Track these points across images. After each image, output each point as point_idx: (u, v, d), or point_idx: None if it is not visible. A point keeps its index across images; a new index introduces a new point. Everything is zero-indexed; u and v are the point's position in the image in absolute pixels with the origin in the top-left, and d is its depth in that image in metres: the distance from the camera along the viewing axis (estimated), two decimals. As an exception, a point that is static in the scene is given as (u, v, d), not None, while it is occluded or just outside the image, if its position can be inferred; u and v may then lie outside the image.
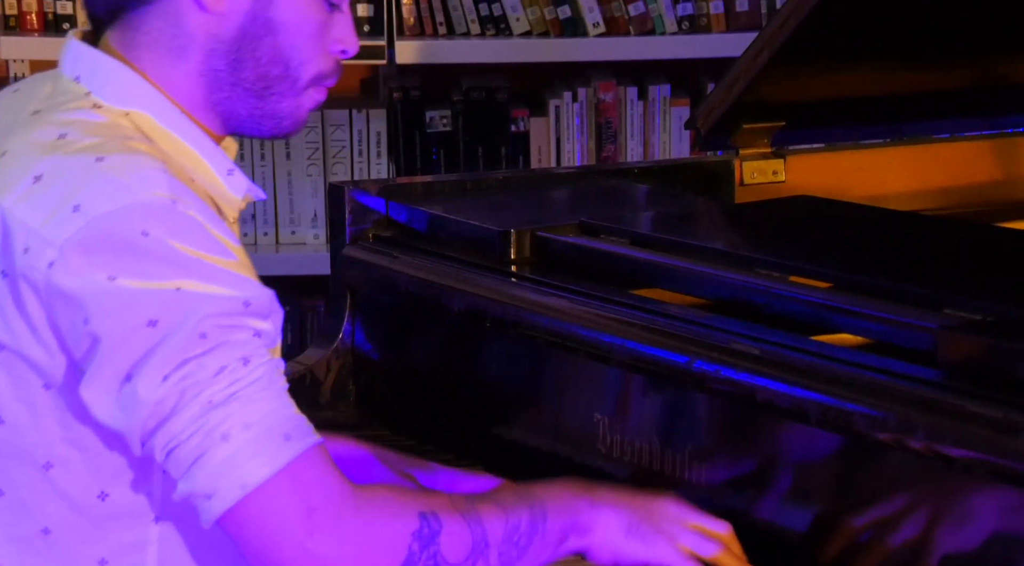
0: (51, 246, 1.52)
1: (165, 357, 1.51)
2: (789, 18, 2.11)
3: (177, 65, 1.63)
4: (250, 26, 1.62)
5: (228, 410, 1.51)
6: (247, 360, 1.53)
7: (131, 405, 1.52)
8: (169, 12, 1.62)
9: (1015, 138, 2.36)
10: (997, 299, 1.65)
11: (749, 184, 2.25)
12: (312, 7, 1.64)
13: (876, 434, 1.59)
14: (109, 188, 1.53)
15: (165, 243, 1.51)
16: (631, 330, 1.82)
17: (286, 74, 1.64)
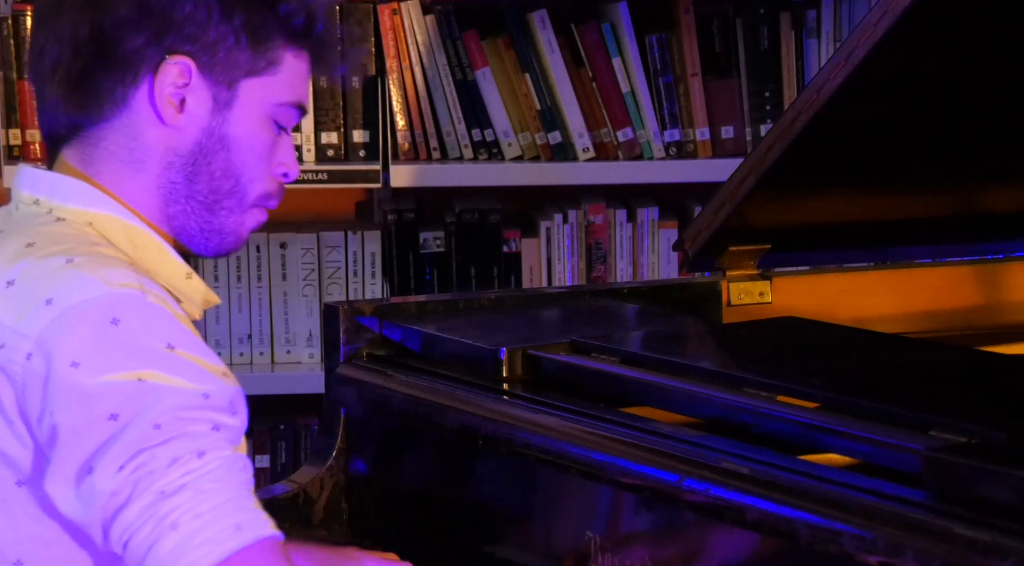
0: (27, 339, 1.55)
1: (121, 447, 1.51)
2: (774, 145, 2.12)
3: (135, 177, 1.66)
4: (206, 141, 1.66)
5: (179, 499, 1.51)
6: (202, 452, 1.53)
7: (89, 497, 1.52)
8: (128, 126, 1.65)
9: (995, 264, 2.38)
10: (982, 422, 1.65)
11: (736, 305, 2.25)
12: (263, 128, 1.68)
13: (864, 555, 1.58)
14: (80, 282, 1.56)
15: (133, 332, 1.53)
16: (622, 448, 1.82)
17: (235, 189, 1.67)
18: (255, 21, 1.65)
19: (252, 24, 1.65)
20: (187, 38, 1.63)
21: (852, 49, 2.01)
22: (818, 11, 3.22)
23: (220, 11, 1.64)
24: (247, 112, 1.67)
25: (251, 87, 1.66)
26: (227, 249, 1.71)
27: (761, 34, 3.22)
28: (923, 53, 2.05)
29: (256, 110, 1.67)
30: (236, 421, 1.57)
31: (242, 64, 1.65)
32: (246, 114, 1.67)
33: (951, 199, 2.30)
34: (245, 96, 1.66)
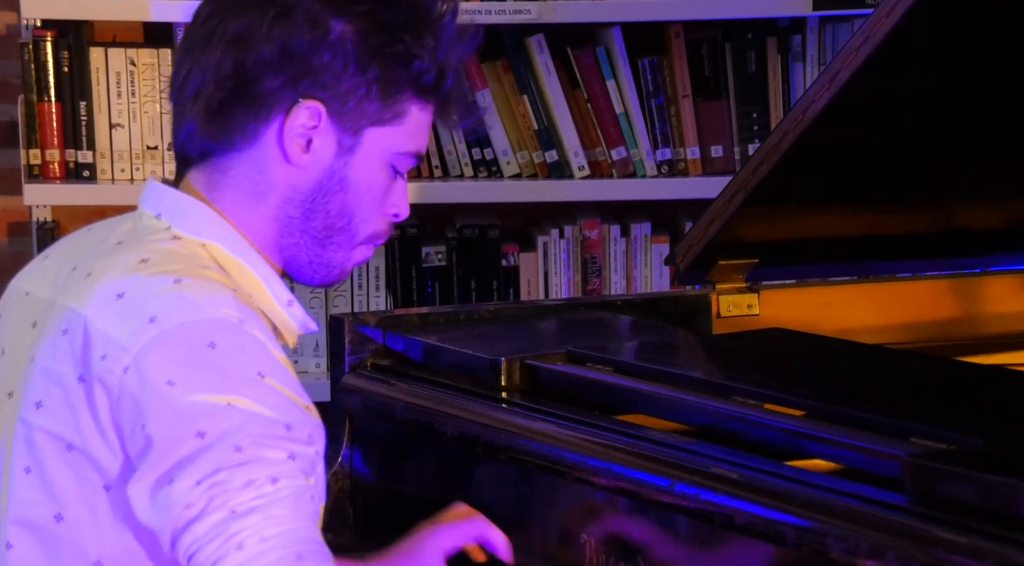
0: (127, 353, 1.56)
1: (201, 464, 1.53)
2: (762, 164, 2.13)
3: (256, 208, 1.68)
4: (327, 181, 1.67)
5: (248, 521, 1.52)
6: (276, 479, 1.54)
7: (165, 505, 1.54)
8: (256, 160, 1.67)
9: (972, 278, 2.37)
10: (960, 429, 1.65)
11: (725, 317, 2.25)
12: (381, 173, 1.69)
13: (848, 557, 1.58)
14: (183, 304, 1.57)
15: (228, 357, 1.55)
16: (616, 454, 1.82)
17: (348, 228, 1.69)
18: (388, 76, 1.65)
19: (385, 79, 1.65)
20: (321, 85, 1.64)
21: (836, 72, 2.02)
22: (803, 36, 3.22)
23: (356, 64, 1.64)
24: (368, 158, 1.67)
25: (375, 135, 1.67)
26: (331, 281, 1.72)
27: (749, 58, 3.22)
28: (903, 77, 2.06)
29: (377, 157, 1.68)
30: (311, 452, 1.58)
31: (370, 114, 1.66)
32: (367, 160, 1.67)
33: (930, 216, 2.30)
34: (369, 143, 1.67)
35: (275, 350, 1.60)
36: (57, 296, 1.65)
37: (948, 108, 2.14)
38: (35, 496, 1.61)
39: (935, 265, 2.35)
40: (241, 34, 1.64)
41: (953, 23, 2.00)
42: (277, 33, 1.63)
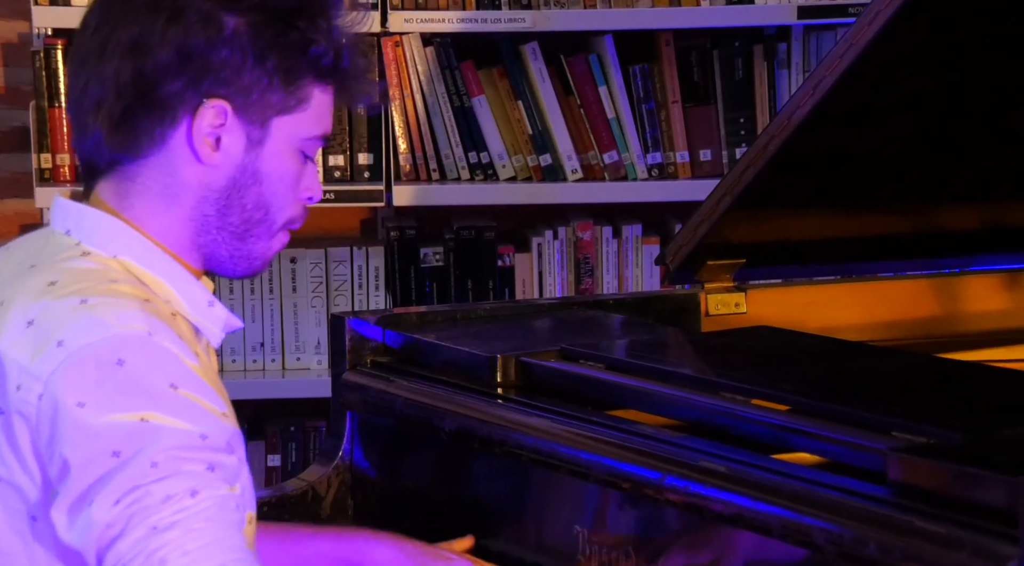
0: (39, 380, 1.53)
1: (119, 483, 1.49)
2: (748, 168, 2.13)
3: (169, 211, 1.64)
4: (240, 176, 1.64)
5: (169, 536, 1.48)
6: (195, 492, 1.50)
7: (86, 527, 1.50)
8: (164, 164, 1.63)
9: (951, 278, 2.38)
10: (940, 424, 1.65)
11: (714, 315, 2.25)
12: (292, 160, 1.66)
13: (831, 547, 1.58)
14: (90, 324, 1.53)
15: (138, 373, 1.51)
16: (608, 448, 1.82)
17: (265, 218, 1.66)
18: (287, 64, 1.62)
19: (284, 67, 1.62)
20: (223, 82, 1.60)
21: (820, 79, 2.02)
22: (788, 44, 3.22)
23: (254, 56, 1.60)
24: (278, 147, 1.64)
25: (282, 124, 1.64)
26: (254, 271, 1.69)
27: (736, 65, 3.22)
28: (885, 83, 2.06)
29: (286, 145, 1.64)
30: (232, 460, 1.54)
31: (274, 104, 1.63)
32: (277, 149, 1.64)
33: (911, 218, 2.30)
34: (276, 133, 1.64)
35: (187, 359, 1.54)
36: None
37: (928, 114, 2.14)
38: None
39: (916, 265, 2.35)
40: (136, 41, 1.60)
41: (932, 32, 2.00)
42: (172, 36, 1.59)
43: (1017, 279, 2.36)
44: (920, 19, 1.94)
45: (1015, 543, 1.44)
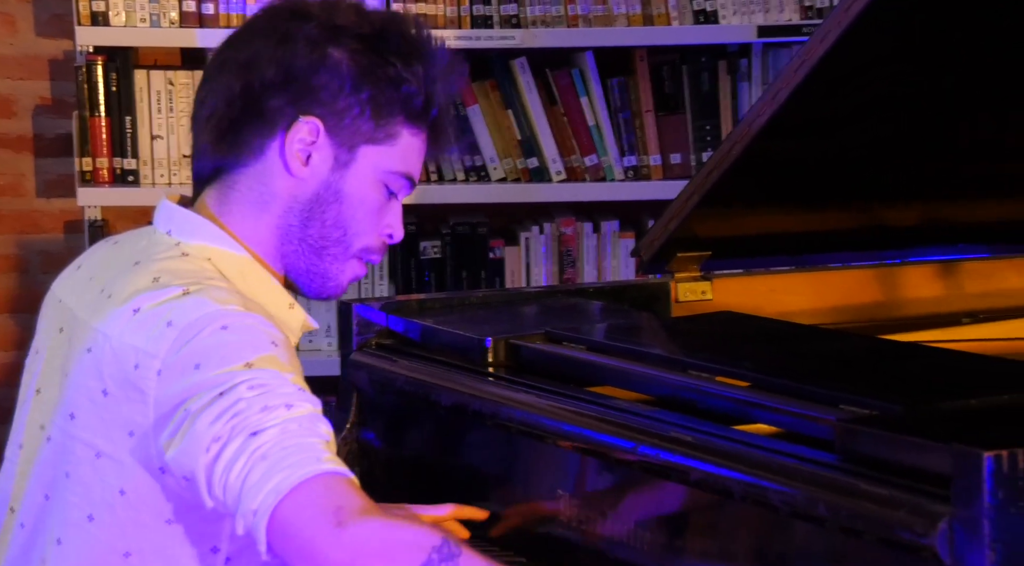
0: (155, 358, 1.53)
1: (221, 402, 1.48)
2: (714, 170, 2.13)
3: (260, 218, 1.65)
4: (323, 192, 1.64)
5: (267, 436, 1.46)
6: (290, 405, 1.49)
7: (193, 444, 1.48)
8: (261, 173, 1.64)
9: (893, 268, 2.37)
10: (882, 398, 1.65)
11: (683, 301, 2.25)
12: (374, 189, 1.65)
13: (786, 507, 1.59)
14: (193, 304, 1.55)
15: (241, 335, 1.52)
16: (587, 421, 1.82)
17: (342, 239, 1.65)
18: (379, 97, 1.61)
19: (376, 99, 1.61)
20: (319, 103, 1.61)
21: (777, 91, 2.02)
22: (749, 60, 3.23)
23: (351, 84, 1.60)
24: (362, 173, 1.63)
25: (369, 152, 1.63)
26: (328, 294, 1.68)
27: (703, 78, 3.23)
28: (834, 94, 2.06)
29: (370, 173, 1.64)
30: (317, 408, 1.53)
31: (364, 132, 1.62)
32: (361, 175, 1.63)
33: (858, 214, 2.30)
34: (363, 160, 1.63)
35: (273, 332, 1.55)
36: (84, 314, 1.62)
37: (872, 122, 2.14)
38: (72, 499, 1.59)
39: (861, 257, 2.35)
40: (249, 60, 1.61)
41: (876, 49, 2.01)
42: (280, 57, 1.60)
43: (949, 269, 2.36)
44: (865, 38, 1.94)
45: (947, 502, 1.45)
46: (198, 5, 3.16)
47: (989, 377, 1.78)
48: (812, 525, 1.56)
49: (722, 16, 3.17)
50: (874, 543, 1.51)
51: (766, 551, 1.63)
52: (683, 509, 1.72)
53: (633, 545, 1.76)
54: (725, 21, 3.18)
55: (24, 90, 3.37)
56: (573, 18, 3.18)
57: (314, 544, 1.42)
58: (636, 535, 1.77)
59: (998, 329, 2.20)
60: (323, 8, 1.62)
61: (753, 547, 1.64)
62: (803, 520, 1.57)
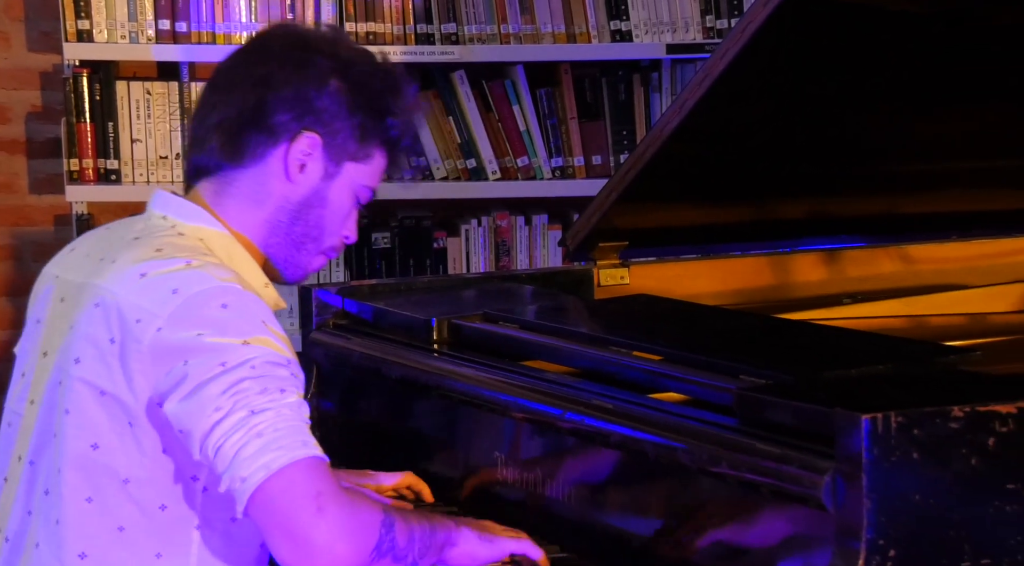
0: (159, 318, 1.57)
1: (226, 378, 1.53)
2: (630, 170, 2.13)
3: (254, 213, 1.68)
4: (312, 197, 1.69)
5: (264, 417, 1.53)
6: (283, 390, 1.55)
7: (197, 410, 1.53)
8: (258, 175, 1.68)
9: (784, 256, 2.38)
10: (776, 368, 1.67)
11: (604, 286, 2.25)
12: (348, 198, 1.71)
13: (694, 464, 1.60)
14: (198, 277, 1.58)
15: (239, 312, 1.56)
16: (521, 391, 1.82)
17: (319, 237, 1.70)
18: (368, 124, 1.68)
19: (365, 125, 1.68)
20: (320, 122, 1.66)
21: (684, 101, 2.02)
22: (659, 73, 3.24)
23: (348, 110, 1.66)
24: (343, 184, 1.69)
25: (350, 168, 1.69)
26: (295, 279, 1.73)
27: (620, 89, 3.24)
28: (733, 103, 2.07)
29: (349, 185, 1.69)
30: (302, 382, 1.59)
31: (349, 151, 1.68)
32: (342, 185, 1.69)
33: (755, 209, 2.31)
34: (345, 173, 1.69)
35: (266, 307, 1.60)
36: (88, 279, 1.64)
37: (766, 126, 2.15)
38: (74, 432, 1.60)
39: (758, 246, 2.36)
40: (265, 77, 1.66)
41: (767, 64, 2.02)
42: (293, 79, 1.65)
43: (832, 256, 2.36)
44: (758, 56, 1.96)
45: (831, 459, 1.47)
46: (172, 24, 3.14)
47: (866, 350, 1.79)
48: (716, 480, 1.58)
49: (636, 35, 3.19)
50: (769, 495, 1.53)
51: (676, 503, 1.64)
52: (605, 468, 1.73)
53: (562, 500, 1.77)
54: (638, 40, 3.19)
55: (17, 99, 3.34)
56: (506, 36, 3.19)
57: (297, 523, 1.50)
58: (564, 491, 1.77)
59: (873, 308, 2.22)
60: (326, 40, 1.68)
61: (665, 500, 1.66)
62: (708, 476, 1.58)
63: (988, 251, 2.39)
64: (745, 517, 1.56)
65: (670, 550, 1.64)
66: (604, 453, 1.72)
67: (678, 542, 1.64)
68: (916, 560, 1.46)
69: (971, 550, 1.46)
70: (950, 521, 1.46)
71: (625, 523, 1.70)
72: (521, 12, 3.18)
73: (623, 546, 1.70)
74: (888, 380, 1.65)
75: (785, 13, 1.88)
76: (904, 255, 2.37)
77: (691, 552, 1.62)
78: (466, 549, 1.64)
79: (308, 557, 1.49)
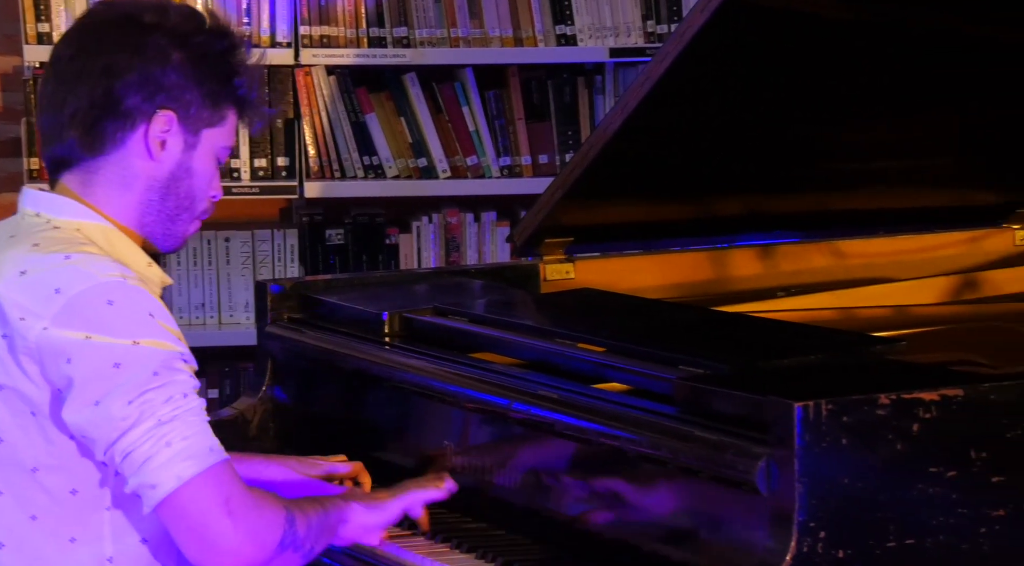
0: (42, 318, 1.55)
1: (130, 388, 1.53)
2: (575, 169, 2.14)
3: (123, 196, 1.66)
4: (177, 170, 1.67)
5: (172, 426, 1.54)
6: (186, 394, 1.56)
7: (103, 420, 1.53)
8: (121, 160, 1.66)
9: (721, 251, 2.39)
10: (714, 359, 1.68)
11: (550, 280, 2.26)
12: (211, 162, 1.69)
13: (635, 451, 1.61)
14: (79, 275, 1.56)
15: (125, 309, 1.55)
16: (469, 382, 1.83)
17: (191, 206, 1.69)
18: (216, 89, 1.66)
19: (214, 91, 1.66)
20: (171, 99, 1.64)
21: (626, 102, 2.04)
22: (603, 77, 3.25)
23: (195, 81, 1.65)
24: (204, 151, 1.68)
25: (208, 135, 1.67)
26: (175, 247, 1.72)
27: (565, 92, 3.25)
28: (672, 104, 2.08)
29: (209, 150, 1.68)
30: (195, 368, 1.59)
31: (205, 118, 1.66)
32: (203, 153, 1.68)
33: (694, 206, 2.32)
34: (204, 141, 1.67)
35: (155, 295, 1.60)
36: None
37: (704, 127, 2.16)
38: None
39: (697, 241, 2.37)
40: (108, 66, 1.63)
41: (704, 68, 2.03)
42: (135, 63, 1.63)
43: (767, 251, 2.38)
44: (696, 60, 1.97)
45: (765, 445, 1.49)
46: (130, 26, 3.11)
47: (799, 341, 1.81)
48: (656, 466, 1.59)
49: (580, 40, 3.20)
50: (707, 479, 1.54)
51: (619, 488, 1.65)
52: (550, 455, 1.74)
53: (508, 486, 1.78)
54: (583, 44, 3.20)
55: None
56: (455, 40, 3.19)
57: (207, 527, 1.53)
58: (511, 478, 1.78)
59: (806, 301, 2.24)
60: (155, 13, 1.65)
61: (609, 485, 1.67)
62: (649, 462, 1.60)
63: (913, 246, 2.42)
64: (684, 501, 1.58)
65: (613, 532, 1.66)
66: (550, 441, 1.73)
67: (621, 525, 1.65)
68: (845, 540, 1.48)
69: (896, 530, 1.49)
70: (877, 503, 1.48)
71: (569, 508, 1.71)
72: (470, 17, 3.19)
73: (568, 529, 1.70)
74: (819, 369, 1.67)
75: (721, 19, 1.90)
76: (835, 250, 2.39)
77: (633, 534, 1.63)
78: (357, 522, 1.69)
79: (216, 558, 1.54)
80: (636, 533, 1.63)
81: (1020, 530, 1.52)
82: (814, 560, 1.47)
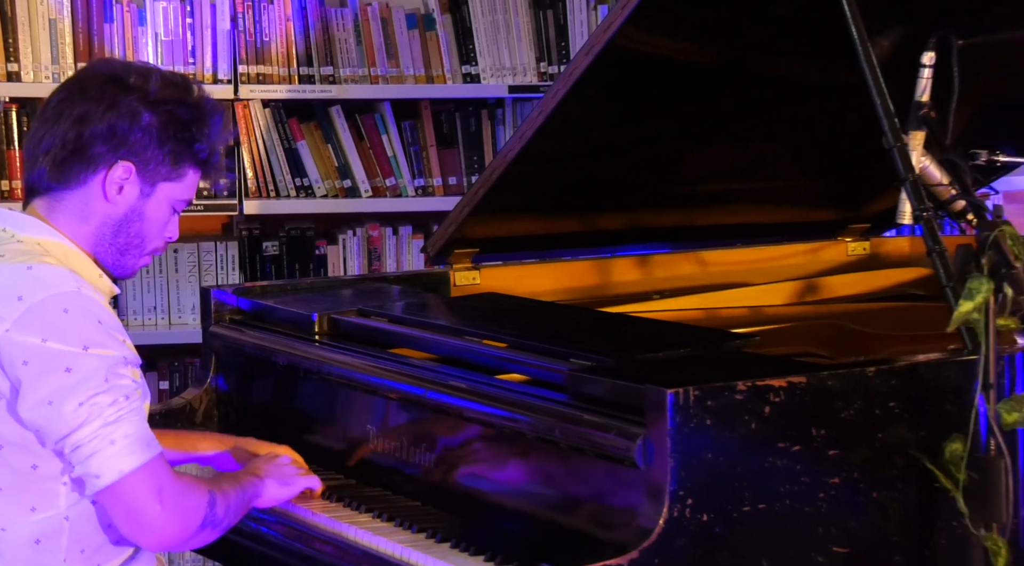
0: (5, 320, 1.55)
1: (82, 390, 1.54)
2: (480, 189, 2.16)
3: (81, 226, 1.67)
4: (130, 214, 1.68)
5: (116, 426, 1.55)
6: (128, 396, 1.57)
7: (56, 417, 1.54)
8: (83, 196, 1.66)
9: (606, 259, 2.41)
10: (599, 353, 1.70)
11: (459, 285, 2.26)
12: (164, 211, 1.70)
13: (532, 433, 1.63)
14: (39, 284, 1.57)
15: (78, 318, 1.56)
16: (389, 374, 1.83)
17: (140, 245, 1.70)
18: (178, 150, 1.66)
19: (175, 152, 1.66)
20: (133, 153, 1.65)
21: (523, 132, 2.05)
22: (503, 109, 3.27)
23: (158, 141, 1.65)
24: (158, 201, 1.68)
25: (165, 188, 1.68)
26: (124, 276, 1.72)
27: (471, 122, 3.26)
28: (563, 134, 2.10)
29: (164, 201, 1.68)
30: (138, 373, 1.60)
31: (163, 174, 1.67)
32: (157, 203, 1.68)
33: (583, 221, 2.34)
34: (160, 192, 1.68)
35: (105, 306, 1.60)
36: None
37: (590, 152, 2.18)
38: None
39: (585, 251, 2.39)
40: (83, 115, 1.64)
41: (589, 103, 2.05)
42: (107, 117, 1.64)
43: (644, 260, 2.41)
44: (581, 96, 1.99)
45: (643, 426, 1.51)
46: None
47: (671, 337, 1.84)
48: (551, 445, 1.61)
49: (483, 78, 3.22)
50: (594, 456, 1.56)
51: (519, 465, 1.66)
52: (461, 437, 1.74)
53: (425, 466, 1.78)
54: (485, 82, 3.22)
55: (-51, 128, 3.19)
56: (375, 77, 3.18)
57: (141, 513, 1.56)
58: (427, 458, 1.78)
59: (676, 303, 2.27)
60: (140, 77, 1.66)
61: (511, 463, 1.68)
62: (544, 442, 1.61)
63: (765, 256, 2.47)
64: (575, 475, 1.59)
65: (513, 503, 1.66)
66: (460, 425, 1.73)
67: (520, 496, 1.66)
68: (709, 506, 1.51)
69: (751, 496, 1.52)
70: (735, 473, 1.52)
71: (477, 483, 1.72)
72: (388, 57, 3.19)
73: (475, 501, 1.71)
74: (687, 361, 1.70)
75: (602, 62, 1.93)
76: (700, 259, 2.43)
77: (531, 504, 1.65)
78: (268, 496, 1.74)
79: (146, 537, 1.58)
80: (533, 503, 1.64)
81: (851, 494, 1.56)
82: (683, 523, 1.50)
